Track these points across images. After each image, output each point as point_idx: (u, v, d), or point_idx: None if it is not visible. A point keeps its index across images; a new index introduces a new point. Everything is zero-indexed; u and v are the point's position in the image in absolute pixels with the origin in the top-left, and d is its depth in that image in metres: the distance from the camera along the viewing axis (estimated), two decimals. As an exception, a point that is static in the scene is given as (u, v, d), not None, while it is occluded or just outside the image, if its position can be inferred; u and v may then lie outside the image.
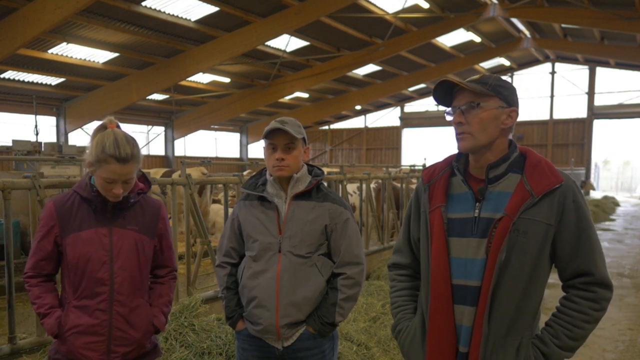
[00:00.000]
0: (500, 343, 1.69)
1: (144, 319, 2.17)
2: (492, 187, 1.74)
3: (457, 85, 1.75)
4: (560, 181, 1.68)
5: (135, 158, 2.04)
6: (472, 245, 1.73)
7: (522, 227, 1.65)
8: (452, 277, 1.75)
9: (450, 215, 1.78)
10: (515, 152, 1.77)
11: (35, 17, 11.41)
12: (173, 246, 2.36)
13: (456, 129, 1.77)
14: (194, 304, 3.87)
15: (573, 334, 1.67)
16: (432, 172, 1.90)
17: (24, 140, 14.14)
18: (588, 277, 1.68)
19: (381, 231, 7.74)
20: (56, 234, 2.07)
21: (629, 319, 5.74)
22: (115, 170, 1.99)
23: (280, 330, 2.21)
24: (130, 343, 2.12)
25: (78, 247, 2.05)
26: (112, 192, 2.03)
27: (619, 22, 15.67)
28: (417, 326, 1.88)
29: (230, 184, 5.26)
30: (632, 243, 11.50)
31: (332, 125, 32.65)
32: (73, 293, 2.08)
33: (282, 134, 2.21)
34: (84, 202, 2.09)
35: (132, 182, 2.08)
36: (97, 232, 2.07)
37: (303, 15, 14.30)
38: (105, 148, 1.97)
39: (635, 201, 25.01)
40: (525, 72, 27.29)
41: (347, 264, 2.28)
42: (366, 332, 4.38)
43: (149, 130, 25.49)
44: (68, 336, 2.06)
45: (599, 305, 1.68)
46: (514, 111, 1.76)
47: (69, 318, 2.06)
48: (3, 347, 3.23)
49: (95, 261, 2.05)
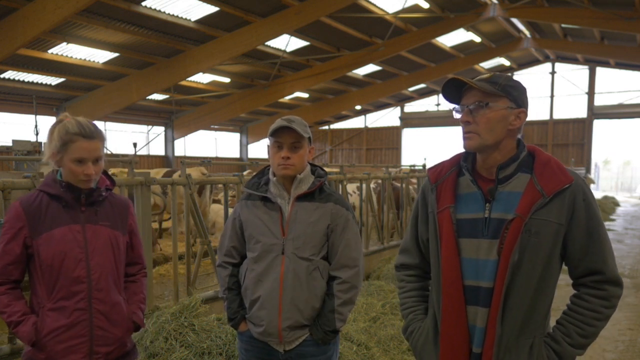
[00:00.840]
0: (513, 343, 1.69)
1: (123, 316, 2.13)
2: (502, 187, 1.73)
3: (467, 83, 1.73)
4: (570, 180, 1.67)
5: (100, 136, 2.04)
6: (483, 246, 1.72)
7: (533, 228, 1.65)
8: (464, 278, 1.74)
9: (460, 215, 1.77)
10: (524, 151, 1.75)
11: (35, 17, 11.40)
12: (142, 243, 2.34)
13: (463, 128, 1.75)
14: (194, 304, 3.86)
15: (585, 332, 1.67)
16: (439, 171, 1.87)
17: (24, 140, 14.16)
18: (599, 275, 1.69)
19: (381, 231, 7.74)
20: (25, 236, 2.00)
21: (629, 319, 5.74)
22: (83, 146, 1.98)
23: (282, 333, 2.20)
24: (112, 342, 2.08)
25: (52, 245, 1.98)
26: (84, 174, 1.99)
27: (619, 22, 15.66)
28: (429, 327, 1.87)
29: (230, 184, 5.26)
30: (632, 243, 11.50)
31: (332, 125, 32.65)
32: (48, 295, 2.00)
33: (289, 133, 2.19)
34: (52, 199, 2.03)
35: (101, 163, 2.05)
36: (70, 229, 2.02)
37: (303, 15, 14.30)
38: (68, 129, 1.99)
39: (635, 201, 25.00)
40: (525, 72, 27.27)
41: (343, 266, 2.26)
42: (366, 332, 4.38)
43: (149, 130, 25.48)
44: (47, 342, 1.98)
45: (610, 303, 1.68)
46: (522, 112, 1.74)
47: (46, 322, 1.98)
48: (3, 347, 3.23)
49: (71, 259, 2.00)
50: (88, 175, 1.99)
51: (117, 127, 23.89)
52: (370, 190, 7.62)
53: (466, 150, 1.80)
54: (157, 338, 3.49)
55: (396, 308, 5.04)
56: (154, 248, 8.25)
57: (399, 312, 4.95)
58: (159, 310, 3.93)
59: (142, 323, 2.22)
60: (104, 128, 22.85)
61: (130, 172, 4.18)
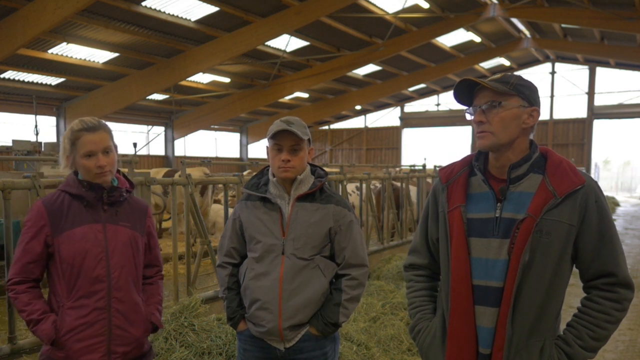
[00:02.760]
0: (523, 344, 1.68)
1: (142, 317, 2.14)
2: (514, 187, 1.73)
3: (478, 84, 1.74)
4: (582, 182, 1.67)
5: (104, 127, 2.08)
6: (493, 245, 1.72)
7: (545, 228, 1.64)
8: (473, 278, 1.74)
9: (470, 215, 1.77)
10: (537, 152, 1.76)
11: (35, 17, 11.40)
12: (159, 245, 2.36)
13: (476, 128, 1.75)
14: (194, 304, 3.86)
15: (596, 335, 1.67)
16: (450, 171, 1.88)
17: (24, 140, 14.16)
18: (610, 277, 1.68)
19: (381, 231, 7.74)
20: (47, 234, 2.01)
21: (629, 319, 5.73)
22: (89, 139, 2.01)
23: (284, 333, 2.20)
24: (130, 342, 2.08)
25: (73, 244, 2.00)
26: (96, 167, 2.01)
27: (619, 22, 15.65)
28: (437, 327, 1.86)
29: (230, 184, 5.26)
30: (632, 243, 11.50)
31: (332, 125, 32.64)
32: (67, 294, 2.02)
33: (289, 135, 2.18)
34: (74, 199, 2.05)
35: (113, 155, 2.07)
36: (91, 228, 2.04)
37: (303, 15, 14.29)
38: (73, 129, 2.05)
39: (635, 201, 25.00)
40: (525, 72, 27.22)
41: (351, 266, 2.27)
42: (366, 332, 4.39)
43: (149, 130, 25.46)
44: (66, 340, 1.99)
45: (621, 306, 1.68)
46: (535, 110, 1.74)
47: (65, 321, 2.00)
48: (3, 347, 3.22)
49: (92, 257, 2.01)
50: (101, 167, 2.02)
51: (117, 127, 23.86)
52: (370, 190, 7.62)
53: (480, 150, 1.81)
54: (157, 338, 3.50)
55: (396, 308, 5.04)
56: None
57: (399, 312, 4.95)
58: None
59: (160, 324, 2.23)
60: (104, 128, 22.85)
61: (130, 172, 4.19)
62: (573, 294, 3.31)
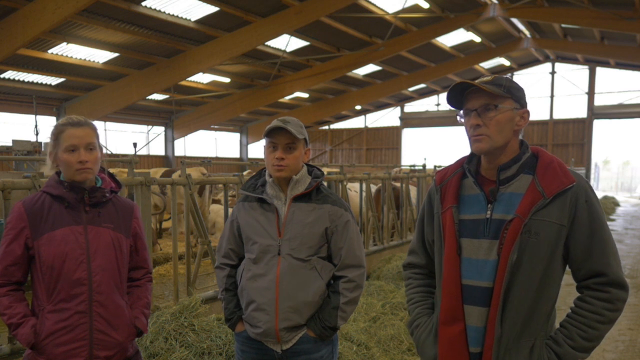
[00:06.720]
0: (513, 344, 1.69)
1: (125, 321, 2.09)
2: (504, 188, 1.74)
3: (471, 86, 1.73)
4: (572, 181, 1.67)
5: (90, 125, 2.06)
6: (483, 246, 1.73)
7: (533, 229, 1.65)
8: (463, 278, 1.76)
9: (462, 216, 1.79)
10: (527, 152, 1.76)
11: (35, 17, 11.40)
12: (148, 247, 2.30)
13: (472, 131, 1.74)
14: (194, 304, 3.86)
15: (587, 335, 1.67)
16: (444, 174, 1.90)
17: (24, 140, 14.17)
18: (602, 277, 1.68)
19: (381, 231, 7.74)
20: (27, 236, 1.98)
21: (629, 319, 5.73)
22: (72, 133, 1.99)
23: (280, 334, 2.20)
24: (112, 346, 2.04)
25: (53, 246, 1.96)
26: (78, 162, 1.98)
27: (619, 22, 15.66)
28: (435, 323, 1.88)
29: (230, 184, 5.26)
30: (632, 243, 11.50)
31: (332, 125, 32.64)
32: (47, 297, 1.98)
33: (284, 133, 2.18)
34: (55, 200, 2.02)
35: (97, 153, 2.03)
36: (72, 230, 1.99)
37: (303, 15, 14.30)
38: (58, 124, 2.06)
39: (635, 201, 24.99)
40: (525, 72, 27.27)
41: (348, 266, 2.26)
42: (366, 332, 4.38)
43: (149, 130, 25.47)
44: (46, 345, 1.95)
45: (614, 306, 1.68)
46: (526, 112, 1.76)
47: (45, 325, 1.96)
48: (3, 347, 3.22)
49: (72, 260, 1.97)
50: (82, 162, 1.97)
51: (117, 127, 23.89)
52: (370, 190, 7.62)
53: (474, 153, 1.82)
54: (157, 338, 3.50)
55: (396, 308, 5.04)
56: (154, 248, 8.26)
57: (399, 312, 4.95)
58: (159, 310, 3.93)
59: (145, 329, 2.18)
60: (104, 128, 22.87)
61: (130, 172, 4.18)
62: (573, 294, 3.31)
